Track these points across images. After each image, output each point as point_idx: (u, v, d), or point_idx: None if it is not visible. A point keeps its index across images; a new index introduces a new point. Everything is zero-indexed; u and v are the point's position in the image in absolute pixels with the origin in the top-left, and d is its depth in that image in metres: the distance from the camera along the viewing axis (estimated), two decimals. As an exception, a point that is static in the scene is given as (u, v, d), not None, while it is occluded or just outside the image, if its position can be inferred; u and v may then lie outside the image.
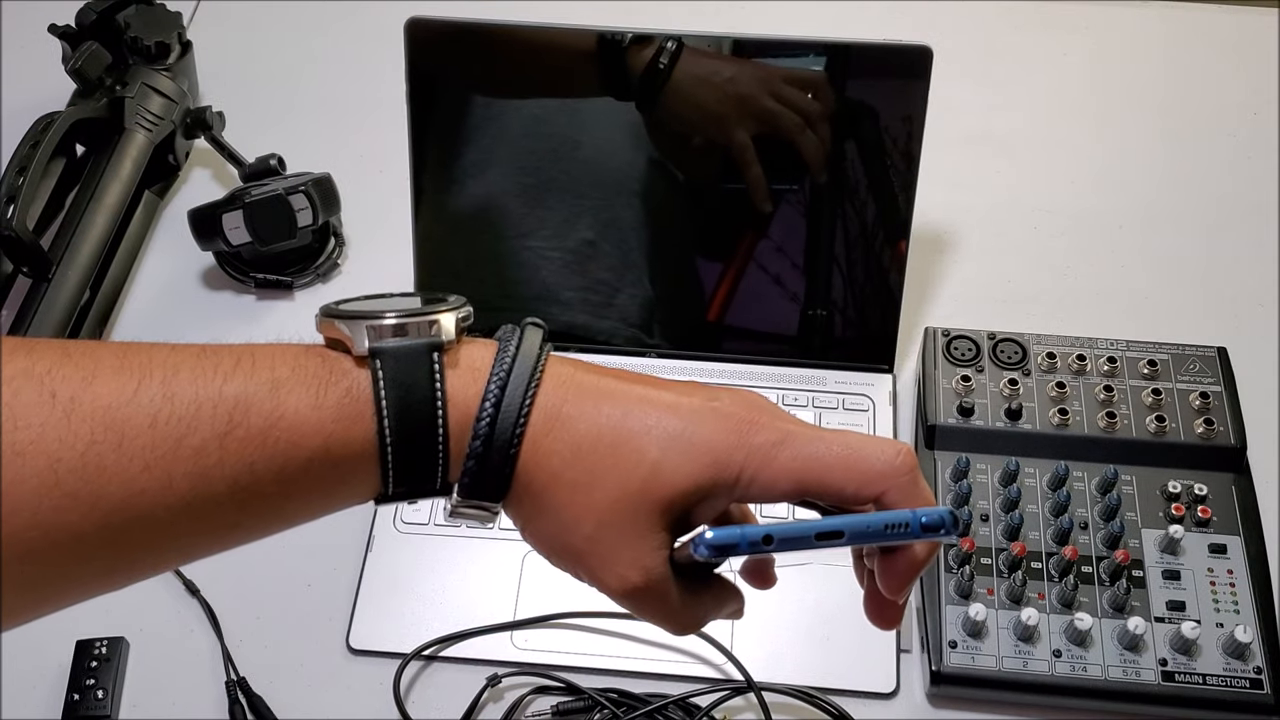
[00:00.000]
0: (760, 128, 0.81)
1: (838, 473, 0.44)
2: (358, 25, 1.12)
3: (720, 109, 0.81)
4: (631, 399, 0.45)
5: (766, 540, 0.42)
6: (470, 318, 0.46)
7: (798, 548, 0.42)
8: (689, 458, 0.43)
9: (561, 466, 0.44)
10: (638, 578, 0.44)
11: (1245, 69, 1.08)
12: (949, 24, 1.10)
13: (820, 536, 0.42)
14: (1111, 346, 0.83)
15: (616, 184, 0.84)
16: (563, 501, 0.44)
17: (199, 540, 0.43)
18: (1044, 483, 0.78)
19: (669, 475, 0.43)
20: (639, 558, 0.44)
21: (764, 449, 0.44)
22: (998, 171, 1.01)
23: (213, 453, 0.40)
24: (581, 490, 0.44)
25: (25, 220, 0.86)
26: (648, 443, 0.43)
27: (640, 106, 0.81)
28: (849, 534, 0.42)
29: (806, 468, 0.44)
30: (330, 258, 0.94)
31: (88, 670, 0.74)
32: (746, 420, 0.44)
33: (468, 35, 0.81)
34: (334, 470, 0.42)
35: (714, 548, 0.42)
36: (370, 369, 0.42)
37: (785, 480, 0.44)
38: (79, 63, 0.94)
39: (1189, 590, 0.74)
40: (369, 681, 0.74)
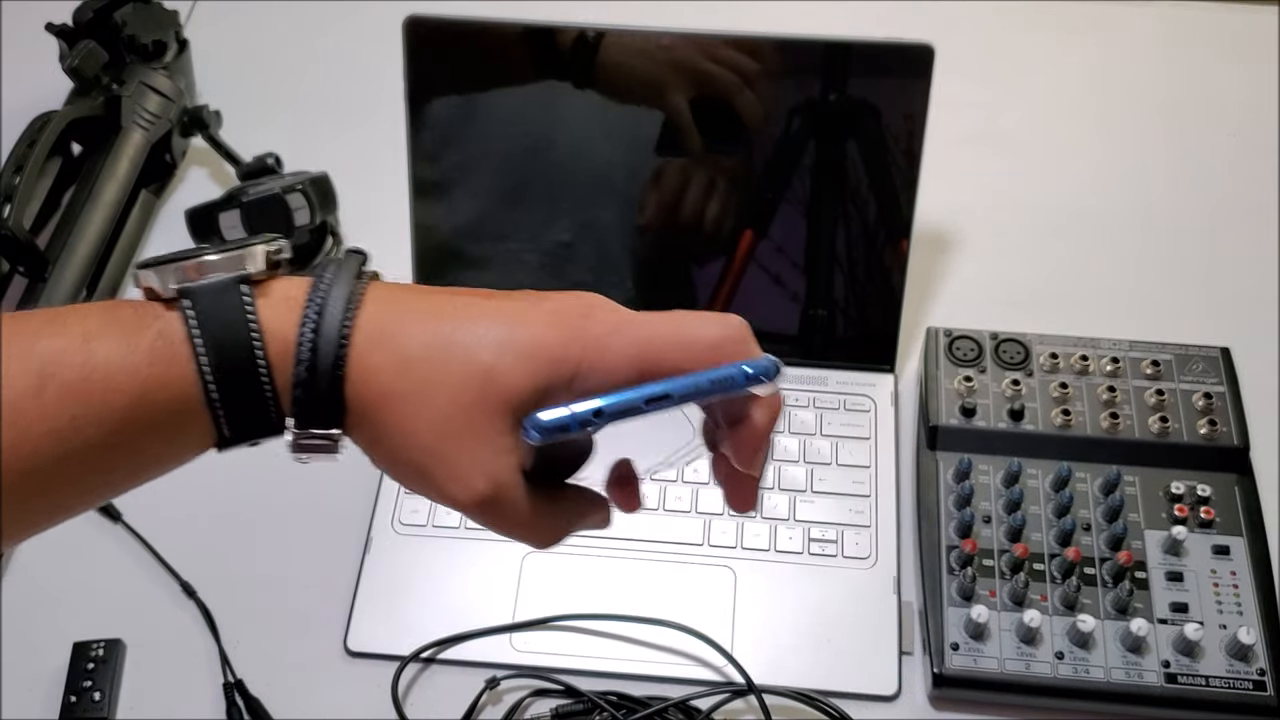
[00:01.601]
0: (698, 91, 0.80)
1: (672, 350, 0.44)
2: (356, 23, 1.11)
3: (655, 74, 0.80)
4: (459, 310, 0.44)
5: (597, 414, 0.42)
6: (284, 250, 0.45)
7: (629, 415, 0.42)
8: (524, 358, 0.43)
9: (392, 382, 0.43)
10: (484, 485, 0.44)
11: (1245, 69, 1.08)
12: (950, 23, 1.10)
13: (650, 401, 0.42)
14: (1114, 347, 0.83)
15: (592, 183, 0.84)
16: (398, 416, 0.43)
17: (41, 499, 0.42)
18: (1047, 484, 0.78)
19: (505, 378, 0.43)
20: (483, 465, 0.44)
21: (599, 339, 0.44)
22: (1000, 170, 1.00)
23: (31, 410, 0.40)
24: (415, 402, 0.43)
25: (22, 219, 0.85)
26: (479, 349, 0.43)
27: (577, 84, 0.80)
28: (676, 394, 0.43)
29: (642, 351, 0.44)
30: (328, 257, 0.93)
31: (85, 672, 0.73)
32: (578, 314, 0.44)
33: (467, 34, 0.81)
34: (160, 416, 0.42)
35: (544, 429, 0.42)
36: (179, 309, 0.42)
37: (623, 367, 0.44)
38: (76, 61, 0.94)
39: (1192, 592, 0.73)
40: (367, 684, 0.74)
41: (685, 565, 0.78)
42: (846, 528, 0.79)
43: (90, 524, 0.81)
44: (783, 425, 0.83)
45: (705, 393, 0.43)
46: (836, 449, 0.82)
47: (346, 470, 0.81)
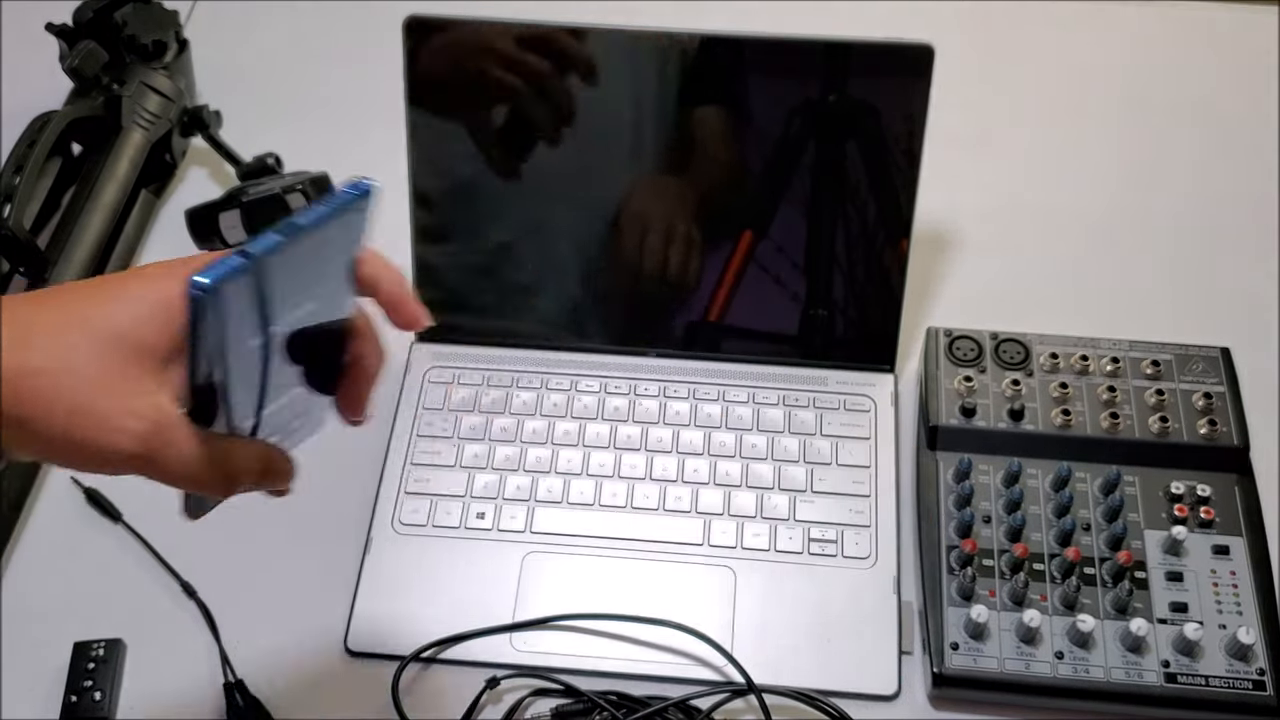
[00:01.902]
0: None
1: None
2: (356, 23, 1.11)
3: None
4: (87, 287, 0.47)
5: (244, 254, 0.44)
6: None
7: (274, 248, 0.44)
8: (156, 310, 0.45)
9: (25, 359, 0.44)
10: (140, 425, 0.45)
11: (1245, 68, 1.08)
12: (950, 23, 1.10)
13: (284, 231, 0.45)
14: (1114, 347, 0.83)
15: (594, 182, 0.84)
16: (38, 389, 0.44)
17: None
18: (1046, 484, 0.78)
19: (137, 334, 0.45)
20: (134, 407, 0.45)
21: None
22: (1000, 170, 1.00)
23: None
24: (53, 374, 0.44)
25: (22, 219, 0.86)
26: (110, 315, 0.45)
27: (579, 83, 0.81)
28: (305, 221, 0.46)
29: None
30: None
31: (85, 672, 0.73)
32: (200, 260, 0.46)
33: (467, 34, 0.81)
34: None
35: (199, 285, 0.43)
36: None
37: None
38: (76, 61, 0.94)
39: (1192, 592, 0.73)
40: (367, 683, 0.74)
41: (685, 565, 0.78)
42: (846, 528, 0.79)
43: (91, 524, 0.81)
44: (783, 425, 0.83)
45: (327, 216, 0.46)
46: (836, 449, 0.82)
47: (347, 470, 0.82)
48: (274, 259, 0.45)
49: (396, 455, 0.82)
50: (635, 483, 0.81)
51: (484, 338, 0.87)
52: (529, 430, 0.83)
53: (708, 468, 0.81)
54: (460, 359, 0.87)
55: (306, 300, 0.49)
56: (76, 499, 0.82)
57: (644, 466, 0.82)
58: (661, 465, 0.82)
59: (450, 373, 0.86)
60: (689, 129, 0.82)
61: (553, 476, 0.81)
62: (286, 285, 0.47)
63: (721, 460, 0.82)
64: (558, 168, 0.84)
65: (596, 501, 0.80)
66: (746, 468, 0.81)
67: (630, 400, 0.85)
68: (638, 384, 0.85)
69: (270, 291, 0.46)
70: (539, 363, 0.86)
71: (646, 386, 0.85)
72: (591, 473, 0.81)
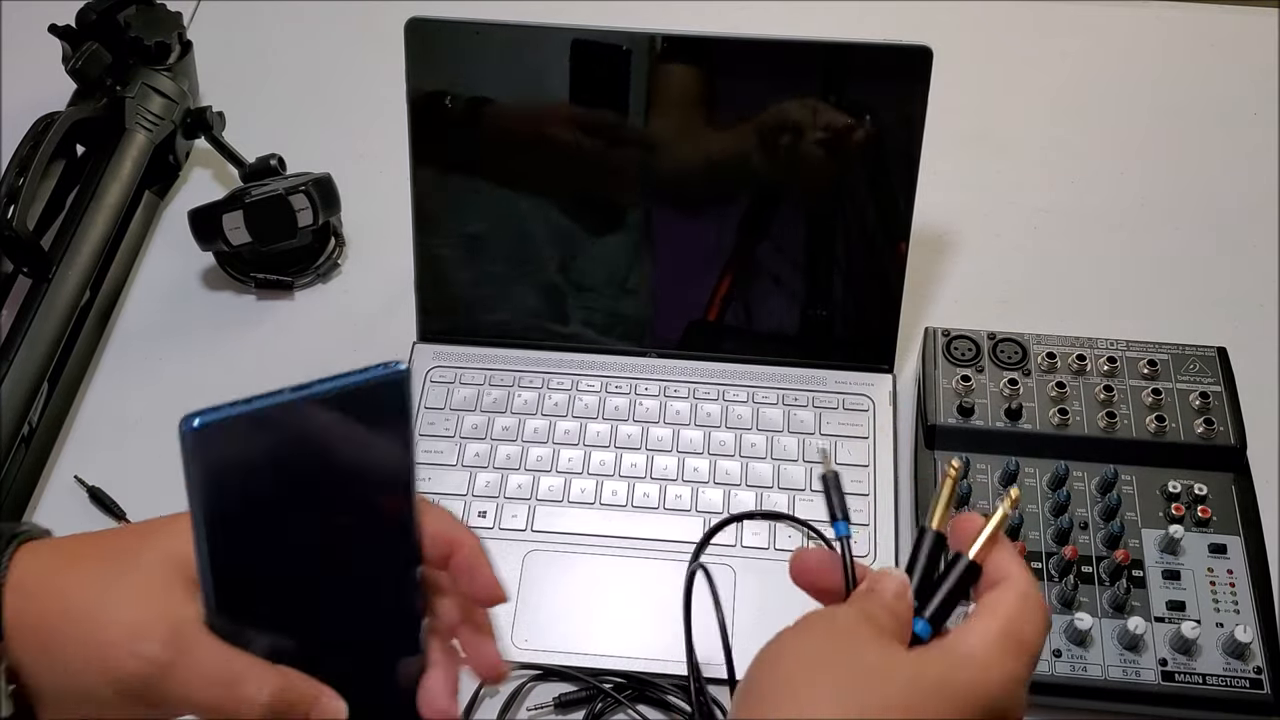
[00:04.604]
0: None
1: None
2: (358, 25, 1.12)
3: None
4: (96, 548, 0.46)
5: (245, 401, 0.41)
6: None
7: (277, 401, 0.42)
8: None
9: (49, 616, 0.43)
10: (166, 631, 0.43)
11: (1245, 69, 1.08)
12: (949, 24, 1.10)
13: (294, 390, 0.42)
14: (1111, 346, 0.83)
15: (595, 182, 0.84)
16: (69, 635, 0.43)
17: None
18: (1044, 482, 0.78)
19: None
20: (164, 614, 0.43)
21: None
22: (998, 172, 1.01)
23: None
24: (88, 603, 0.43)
25: (25, 220, 0.86)
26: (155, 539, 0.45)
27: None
28: (325, 384, 0.42)
29: None
30: (330, 258, 0.94)
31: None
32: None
33: (468, 35, 0.81)
34: None
35: (187, 420, 0.40)
36: None
37: None
38: (79, 63, 0.94)
39: (1189, 590, 0.74)
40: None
41: (686, 563, 0.78)
42: (845, 526, 0.79)
43: (95, 523, 0.81)
44: (782, 425, 0.83)
45: (347, 387, 0.43)
46: (835, 448, 0.82)
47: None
48: (279, 415, 0.41)
49: (398, 454, 0.83)
50: (636, 481, 0.81)
51: (485, 338, 0.88)
52: (530, 429, 0.84)
53: (707, 467, 0.82)
54: (462, 359, 0.87)
55: (344, 502, 0.44)
56: (80, 498, 0.82)
57: (644, 465, 0.82)
58: (662, 464, 0.82)
59: (453, 372, 0.86)
60: (689, 130, 0.83)
61: (554, 475, 0.82)
62: (307, 464, 0.43)
63: (721, 459, 0.82)
64: (558, 168, 0.84)
65: (597, 500, 0.81)
66: (746, 467, 0.82)
67: (631, 400, 0.85)
68: (638, 384, 0.86)
69: (285, 459, 0.42)
70: (540, 363, 0.87)
71: (647, 386, 0.86)
72: (592, 471, 0.82)
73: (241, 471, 0.42)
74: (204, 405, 0.47)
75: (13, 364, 0.82)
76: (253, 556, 0.43)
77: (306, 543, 0.44)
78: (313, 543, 0.44)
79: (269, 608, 0.45)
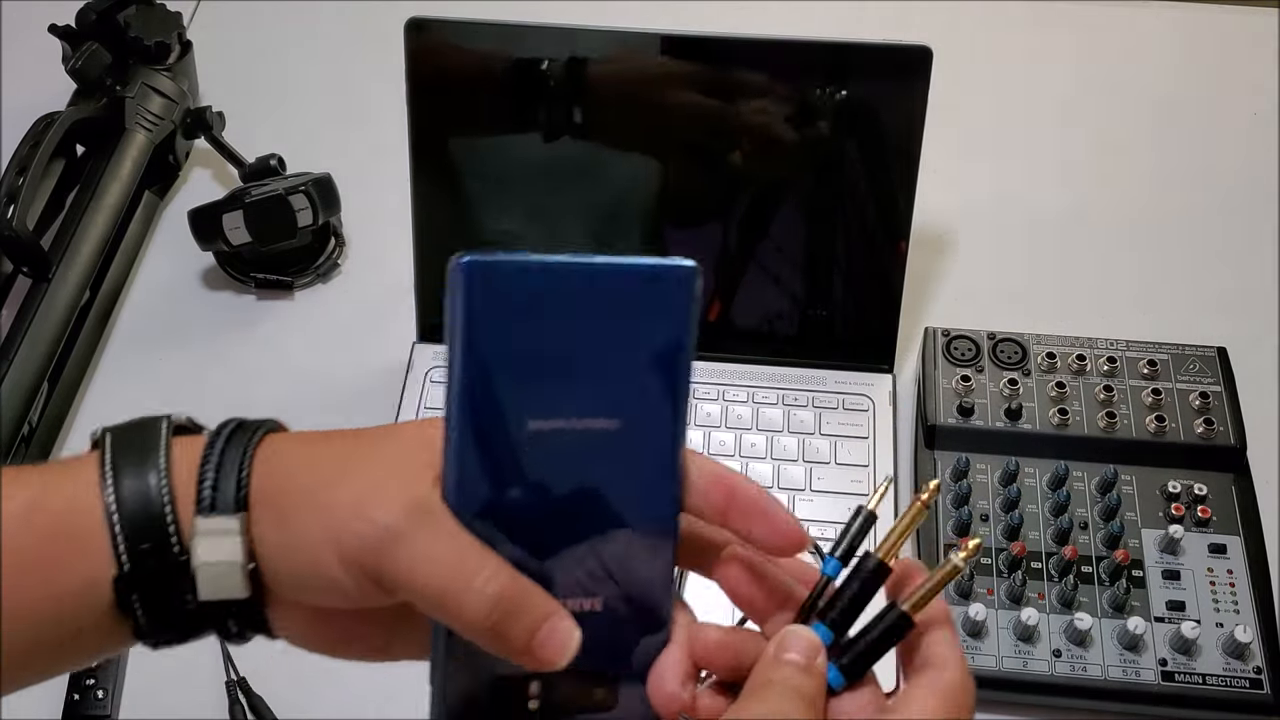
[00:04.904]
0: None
1: None
2: (358, 25, 1.12)
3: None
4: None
5: (524, 255, 0.38)
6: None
7: (556, 260, 0.39)
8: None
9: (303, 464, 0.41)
10: (403, 498, 0.39)
11: (1245, 69, 1.08)
12: (949, 24, 1.10)
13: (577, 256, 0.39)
14: (1111, 346, 0.83)
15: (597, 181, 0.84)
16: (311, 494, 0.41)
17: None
18: (1044, 482, 0.78)
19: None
20: (402, 484, 0.40)
21: None
22: (998, 171, 1.01)
23: None
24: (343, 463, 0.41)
25: (25, 220, 0.86)
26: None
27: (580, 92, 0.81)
28: (608, 260, 0.39)
29: None
30: (330, 258, 0.94)
31: (87, 670, 0.74)
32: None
33: (467, 35, 0.81)
34: (55, 530, 0.40)
35: (463, 258, 0.38)
36: (100, 434, 0.42)
37: None
38: (79, 63, 0.94)
39: (1189, 590, 0.74)
40: (370, 681, 0.74)
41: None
42: (845, 526, 0.79)
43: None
44: (782, 424, 0.83)
45: (629, 270, 0.39)
46: (835, 448, 0.82)
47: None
48: (560, 273, 0.38)
49: (398, 454, 0.82)
50: (635, 482, 0.81)
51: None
52: (529, 430, 0.83)
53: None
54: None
55: (607, 399, 0.40)
56: (80, 498, 0.82)
57: (644, 466, 0.82)
58: (661, 464, 0.82)
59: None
60: (688, 129, 0.83)
61: (553, 476, 0.81)
62: (577, 338, 0.39)
63: (721, 459, 0.82)
64: (557, 168, 0.84)
65: (597, 500, 0.81)
66: (745, 467, 0.82)
67: (630, 400, 0.85)
68: (638, 384, 0.86)
69: (556, 325, 0.39)
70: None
71: (646, 386, 0.86)
72: (592, 472, 0.82)
73: (509, 325, 0.38)
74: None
75: (13, 364, 0.82)
76: (504, 438, 0.39)
77: (561, 441, 0.40)
78: (567, 443, 0.40)
79: (510, 509, 0.40)
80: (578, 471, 0.40)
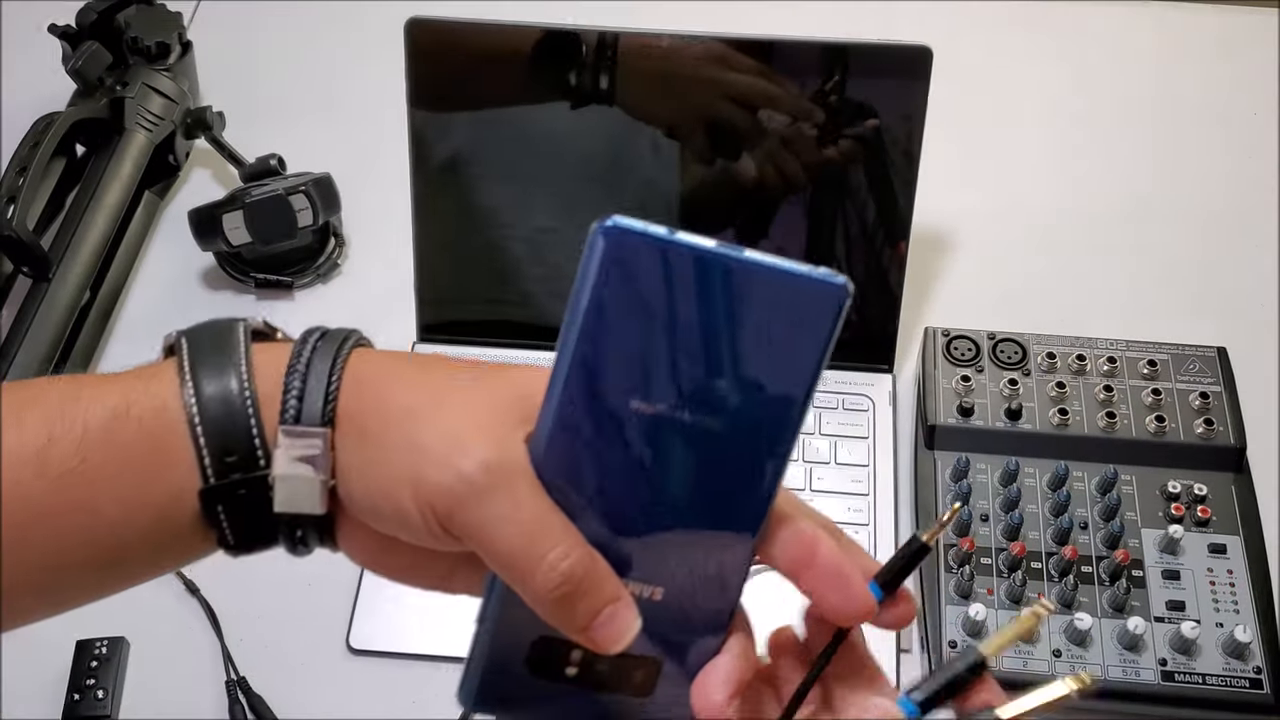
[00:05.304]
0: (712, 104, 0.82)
1: None
2: (358, 25, 1.12)
3: (670, 85, 0.81)
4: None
5: (671, 230, 0.36)
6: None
7: (699, 243, 0.37)
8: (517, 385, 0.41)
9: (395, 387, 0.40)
10: (490, 452, 0.38)
11: (1245, 69, 1.08)
12: (949, 24, 1.10)
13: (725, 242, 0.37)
14: (1111, 346, 0.83)
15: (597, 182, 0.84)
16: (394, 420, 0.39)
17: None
18: (1044, 483, 0.78)
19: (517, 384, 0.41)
20: (491, 436, 0.38)
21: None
22: (998, 171, 1.01)
23: (10, 429, 0.38)
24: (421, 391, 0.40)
25: (25, 220, 0.86)
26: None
27: (586, 89, 0.81)
28: (756, 256, 0.37)
29: None
30: (330, 258, 0.94)
31: (88, 670, 0.74)
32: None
33: (467, 35, 0.81)
34: (138, 438, 0.39)
35: (607, 221, 0.37)
36: (175, 338, 0.42)
37: None
38: (79, 63, 0.94)
39: (1189, 590, 0.74)
40: (369, 681, 0.74)
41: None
42: (844, 526, 0.79)
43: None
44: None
45: (780, 273, 0.38)
46: (835, 448, 0.82)
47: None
48: (701, 261, 0.37)
49: (398, 454, 0.82)
50: (635, 482, 0.81)
51: (486, 338, 0.88)
52: (529, 430, 0.83)
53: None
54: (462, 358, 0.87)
55: (719, 399, 0.38)
56: (80, 498, 0.82)
57: (644, 466, 0.82)
58: (661, 464, 0.82)
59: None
60: (688, 130, 0.83)
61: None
62: (704, 329, 0.37)
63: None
64: (556, 168, 0.84)
65: (597, 500, 0.80)
66: (746, 467, 0.82)
67: (630, 400, 0.85)
68: (638, 384, 0.86)
69: (687, 310, 0.37)
70: (541, 363, 0.86)
71: (646, 386, 0.86)
72: (592, 472, 0.82)
73: (639, 300, 0.37)
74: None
75: (13, 364, 0.82)
76: (606, 412, 0.38)
77: (662, 428, 0.38)
78: (668, 431, 0.38)
79: (596, 483, 0.39)
80: (672, 462, 0.39)
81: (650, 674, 0.41)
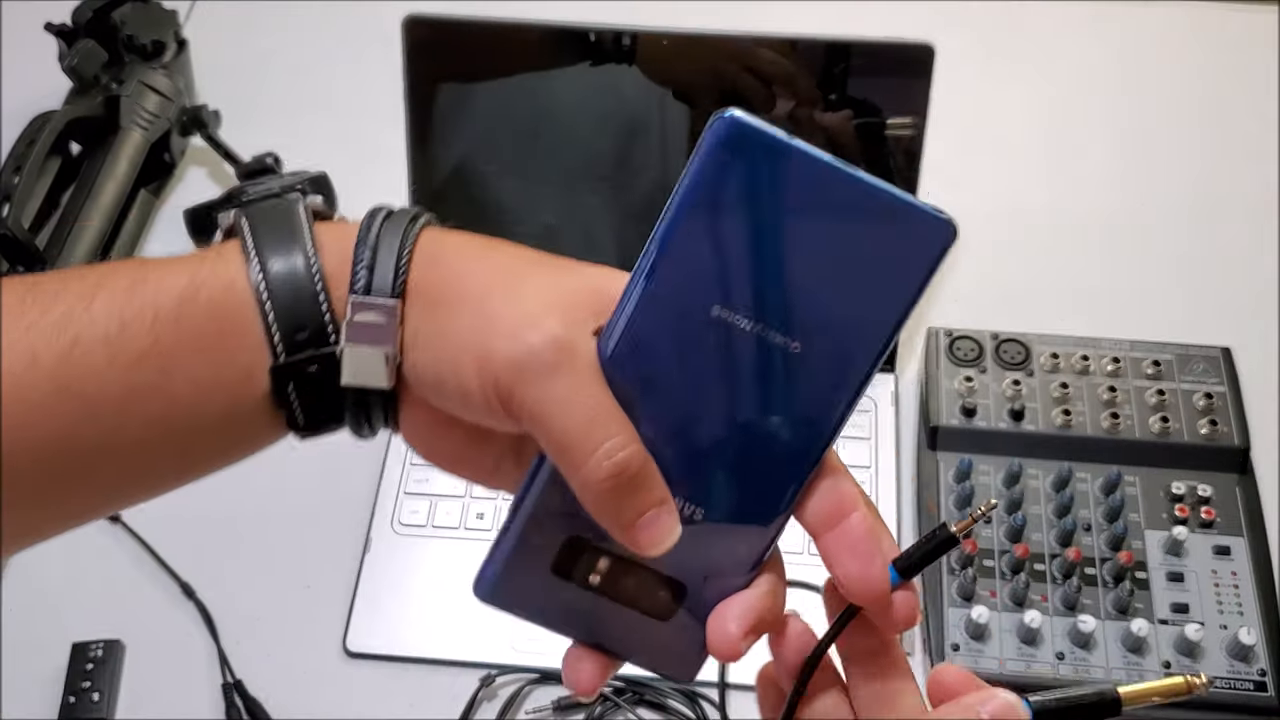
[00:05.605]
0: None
1: None
2: (355, 23, 1.11)
3: (683, 77, 0.81)
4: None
5: (789, 134, 0.36)
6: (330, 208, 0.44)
7: (820, 154, 0.37)
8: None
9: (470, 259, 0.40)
10: (561, 330, 0.37)
11: (1247, 68, 1.08)
12: (951, 23, 1.10)
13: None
14: (1115, 347, 0.83)
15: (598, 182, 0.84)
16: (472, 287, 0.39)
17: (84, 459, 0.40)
18: (1047, 484, 0.78)
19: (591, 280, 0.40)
20: (564, 318, 0.38)
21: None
22: (1001, 170, 1.00)
23: (80, 316, 0.38)
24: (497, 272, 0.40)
25: (21, 219, 0.86)
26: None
27: (589, 83, 0.81)
28: (874, 180, 0.37)
29: None
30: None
31: (84, 673, 0.73)
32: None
33: (466, 33, 0.81)
34: (208, 319, 0.39)
35: (729, 113, 0.36)
36: (235, 218, 0.42)
37: None
38: (75, 61, 0.94)
39: (1193, 592, 0.73)
40: (366, 684, 0.74)
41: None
42: (847, 528, 0.79)
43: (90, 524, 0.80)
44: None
45: (895, 201, 0.38)
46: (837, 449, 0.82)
47: (346, 471, 0.82)
48: (817, 171, 0.36)
49: (396, 455, 0.82)
50: (635, 483, 0.81)
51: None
52: (529, 430, 0.83)
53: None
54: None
55: (804, 320, 0.38)
56: (75, 499, 0.81)
57: (644, 467, 0.81)
58: (661, 465, 0.81)
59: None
60: (689, 128, 0.82)
61: (552, 477, 0.81)
62: (801, 243, 0.37)
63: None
64: (555, 168, 0.84)
65: (596, 502, 0.80)
66: (747, 468, 0.81)
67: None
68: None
69: (788, 218, 0.37)
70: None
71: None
72: (591, 473, 0.81)
73: (744, 199, 0.36)
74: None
75: (7, 364, 0.81)
76: (685, 313, 0.37)
77: (738, 339, 0.37)
78: (744, 344, 0.37)
79: (661, 386, 0.38)
80: (743, 378, 0.38)
81: (673, 597, 0.41)
